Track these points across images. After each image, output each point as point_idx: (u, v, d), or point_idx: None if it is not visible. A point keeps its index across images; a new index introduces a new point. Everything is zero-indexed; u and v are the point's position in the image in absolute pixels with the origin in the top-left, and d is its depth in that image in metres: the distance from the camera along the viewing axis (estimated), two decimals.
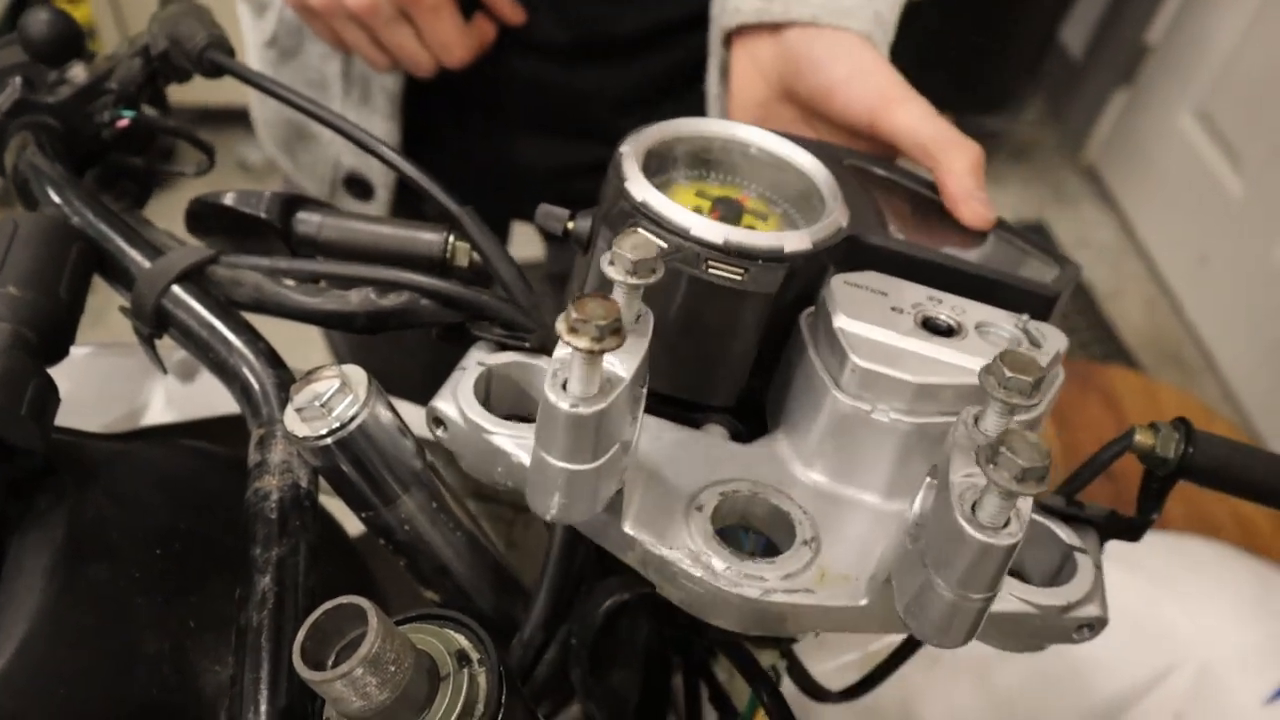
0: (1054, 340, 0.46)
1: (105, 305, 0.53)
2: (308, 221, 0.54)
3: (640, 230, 0.38)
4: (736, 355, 0.47)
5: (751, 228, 0.48)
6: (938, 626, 0.37)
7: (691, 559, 0.41)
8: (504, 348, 0.48)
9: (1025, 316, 0.47)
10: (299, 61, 0.88)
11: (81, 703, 0.39)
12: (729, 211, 0.49)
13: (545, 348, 0.47)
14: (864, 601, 0.40)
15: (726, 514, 0.44)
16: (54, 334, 0.46)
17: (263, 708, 0.39)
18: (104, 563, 0.42)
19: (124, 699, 0.40)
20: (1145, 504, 0.47)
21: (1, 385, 0.41)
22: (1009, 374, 0.34)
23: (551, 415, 0.35)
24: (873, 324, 0.44)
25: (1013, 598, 0.42)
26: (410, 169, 0.52)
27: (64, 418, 0.45)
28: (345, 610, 0.34)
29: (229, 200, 0.54)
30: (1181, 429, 0.45)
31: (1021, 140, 2.98)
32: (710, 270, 0.44)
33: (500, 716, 0.36)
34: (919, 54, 0.99)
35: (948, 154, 0.56)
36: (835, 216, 0.48)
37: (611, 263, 0.35)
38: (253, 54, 0.92)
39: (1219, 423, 1.29)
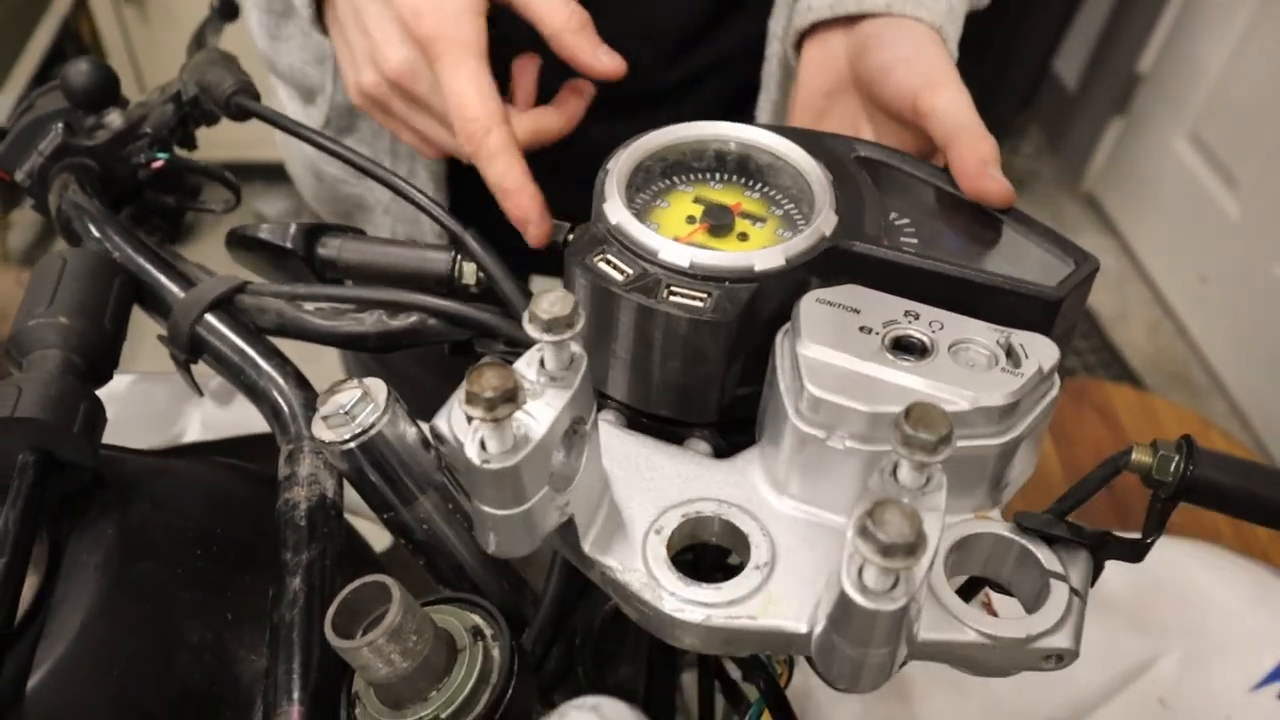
0: (1039, 355, 0.44)
1: (136, 349, 0.57)
2: (329, 246, 0.59)
3: (559, 291, 0.37)
4: (706, 378, 0.46)
5: (745, 235, 0.49)
6: (847, 676, 0.37)
7: (642, 583, 0.41)
8: (506, 363, 0.52)
9: (1008, 331, 0.44)
10: (354, 138, 0.91)
11: (132, 686, 0.42)
12: (719, 220, 0.49)
13: None
14: (804, 629, 0.40)
15: (688, 535, 0.44)
16: (100, 360, 0.51)
17: (295, 694, 0.42)
18: (150, 561, 0.46)
19: (170, 683, 0.44)
20: (1146, 525, 0.44)
21: (54, 407, 0.46)
22: (910, 430, 0.34)
23: (470, 469, 0.36)
24: (835, 348, 0.43)
25: (968, 628, 0.41)
26: (413, 192, 0.56)
27: (114, 439, 0.49)
28: (371, 588, 0.38)
29: (261, 233, 0.59)
30: (1183, 448, 0.42)
31: (1021, 171, 3.02)
32: (671, 297, 0.44)
33: (512, 686, 0.40)
34: None
35: (969, 134, 0.54)
36: (818, 225, 0.47)
37: (530, 321, 0.36)
38: None
39: (1216, 435, 1.32)
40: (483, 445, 0.36)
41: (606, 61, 0.61)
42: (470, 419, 0.34)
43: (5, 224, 2.32)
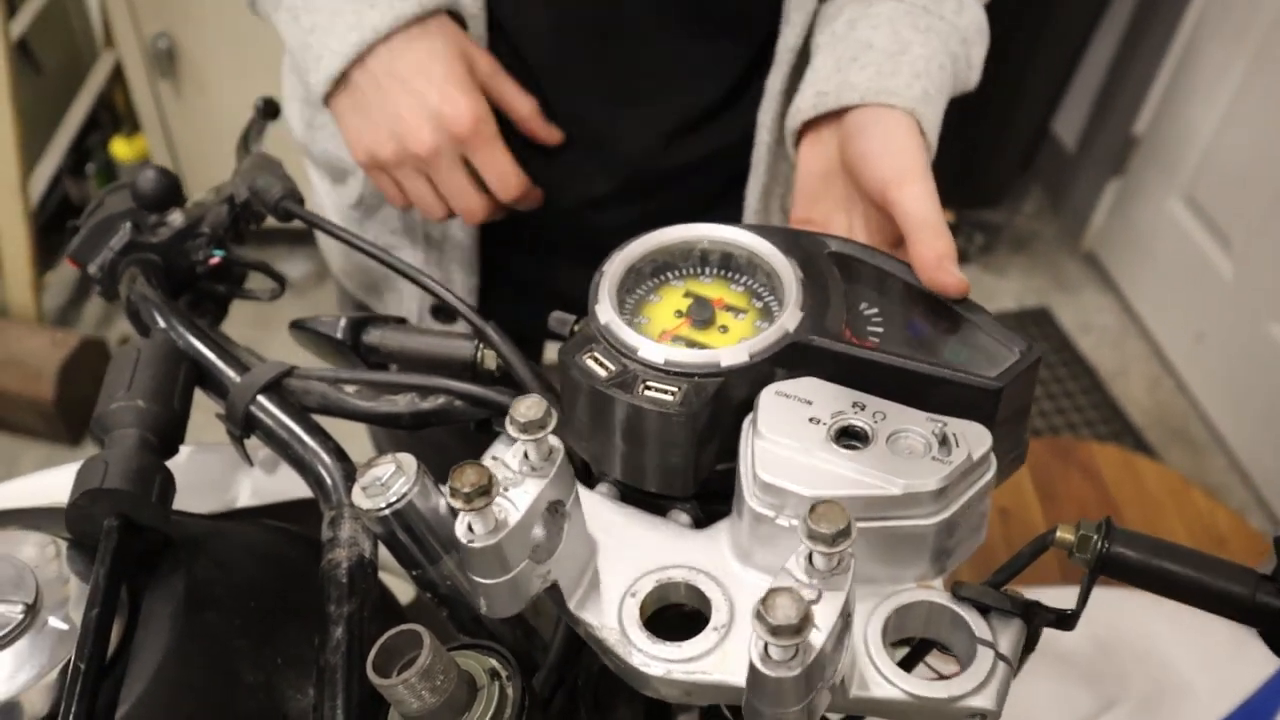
0: (971, 443, 0.48)
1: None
2: (372, 335, 0.68)
3: (535, 396, 0.44)
4: (680, 460, 0.52)
5: (725, 327, 0.55)
6: None
7: (616, 639, 0.47)
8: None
9: (944, 420, 0.49)
10: (382, 215, 0.98)
11: (201, 718, 0.50)
12: (700, 315, 0.55)
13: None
14: None
15: (660, 598, 0.49)
16: (170, 436, 0.59)
17: None
18: (212, 611, 0.53)
19: (231, 717, 0.51)
20: (1079, 596, 0.48)
21: (135, 479, 0.54)
22: (813, 526, 0.40)
23: (461, 545, 0.43)
24: (785, 437, 0.48)
25: (897, 688, 0.45)
26: (441, 290, 0.65)
27: (177, 504, 0.57)
28: (405, 635, 0.45)
29: (319, 327, 0.67)
30: (1102, 528, 0.46)
31: (1022, 231, 3.10)
32: (646, 391, 0.50)
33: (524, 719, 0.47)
34: None
35: (929, 231, 0.60)
36: (782, 322, 0.52)
37: (510, 423, 0.43)
38: (334, 215, 1.02)
39: (1197, 494, 1.37)
40: (470, 527, 0.43)
41: (555, 135, 0.89)
42: None
43: (40, 285, 2.43)
